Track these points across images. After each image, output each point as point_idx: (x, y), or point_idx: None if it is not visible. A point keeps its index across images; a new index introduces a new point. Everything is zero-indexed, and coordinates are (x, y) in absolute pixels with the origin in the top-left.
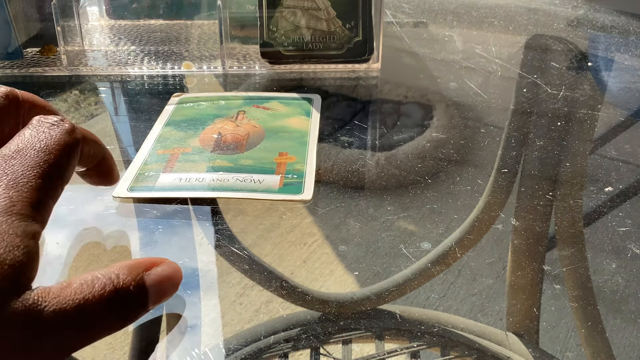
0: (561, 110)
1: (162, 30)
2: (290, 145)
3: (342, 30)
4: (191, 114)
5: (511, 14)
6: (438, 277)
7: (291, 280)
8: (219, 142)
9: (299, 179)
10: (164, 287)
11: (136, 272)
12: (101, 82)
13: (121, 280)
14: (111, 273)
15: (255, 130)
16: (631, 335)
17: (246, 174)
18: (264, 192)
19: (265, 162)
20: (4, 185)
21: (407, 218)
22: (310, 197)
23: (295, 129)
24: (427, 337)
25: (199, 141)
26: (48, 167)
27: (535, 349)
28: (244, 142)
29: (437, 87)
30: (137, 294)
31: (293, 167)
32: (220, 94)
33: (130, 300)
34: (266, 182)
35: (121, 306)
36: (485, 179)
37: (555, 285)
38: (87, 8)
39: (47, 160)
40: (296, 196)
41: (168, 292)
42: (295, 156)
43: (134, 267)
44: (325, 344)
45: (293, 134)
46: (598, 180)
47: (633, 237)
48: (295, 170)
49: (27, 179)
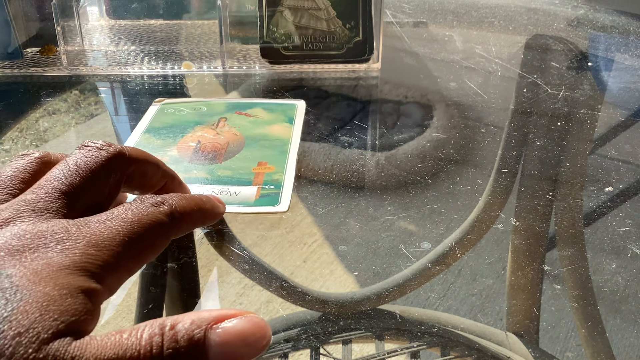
0: (561, 110)
1: (162, 30)
2: (270, 155)
3: (342, 30)
4: (171, 120)
5: (511, 14)
6: (438, 277)
7: (291, 280)
8: (198, 151)
9: (276, 190)
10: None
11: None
12: (101, 82)
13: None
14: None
15: (235, 139)
16: (631, 335)
17: (222, 186)
18: (240, 205)
19: (243, 173)
20: (85, 242)
21: (407, 218)
22: (286, 209)
23: (277, 137)
24: (427, 337)
25: (176, 150)
26: (134, 239)
27: (535, 349)
28: (223, 152)
29: (437, 87)
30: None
31: (271, 177)
32: (203, 100)
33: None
34: (242, 194)
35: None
36: (485, 179)
37: (555, 285)
38: (87, 8)
39: (135, 232)
40: (272, 208)
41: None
42: (274, 166)
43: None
44: (325, 344)
45: (274, 143)
46: (598, 180)
47: (633, 237)
48: (273, 181)
49: (110, 243)
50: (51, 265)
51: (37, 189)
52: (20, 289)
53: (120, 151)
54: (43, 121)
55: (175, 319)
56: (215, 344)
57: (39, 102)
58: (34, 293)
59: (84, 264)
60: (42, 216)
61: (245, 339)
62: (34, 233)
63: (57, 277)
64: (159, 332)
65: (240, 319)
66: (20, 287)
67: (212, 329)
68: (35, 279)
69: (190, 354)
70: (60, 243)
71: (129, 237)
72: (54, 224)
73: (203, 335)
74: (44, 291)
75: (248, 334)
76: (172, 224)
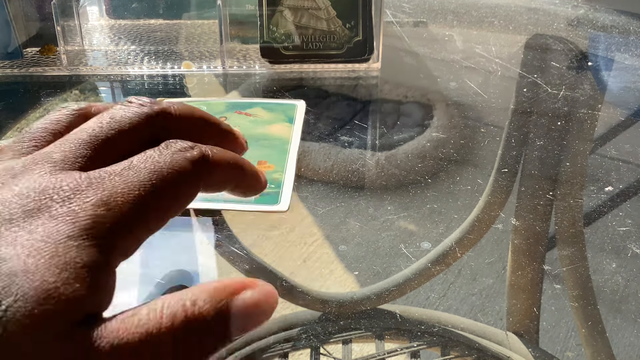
0: (561, 110)
1: (162, 30)
2: (269, 154)
3: (342, 29)
4: None
5: (511, 14)
6: (438, 277)
7: (291, 280)
8: None
9: (276, 189)
10: (253, 316)
11: (219, 298)
12: (101, 82)
13: (197, 307)
14: (186, 299)
15: None
16: (631, 335)
17: None
18: (239, 203)
19: None
20: (94, 200)
21: (407, 218)
22: (286, 208)
23: (277, 137)
24: (427, 337)
25: None
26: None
27: (535, 348)
28: None
29: (437, 86)
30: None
31: (271, 176)
32: (203, 99)
33: (206, 333)
34: None
35: (195, 340)
36: (485, 178)
37: (555, 285)
38: (87, 8)
39: (155, 185)
40: (272, 207)
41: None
42: (274, 165)
43: (217, 290)
44: (325, 343)
45: (274, 142)
46: (598, 180)
47: (633, 237)
48: (274, 180)
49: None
50: (52, 236)
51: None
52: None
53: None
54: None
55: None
56: (237, 316)
57: (39, 102)
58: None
59: (91, 230)
60: (55, 167)
61: (260, 307)
62: (39, 190)
63: (58, 255)
64: (181, 309)
65: (256, 290)
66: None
67: (233, 300)
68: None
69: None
70: (67, 202)
71: (146, 191)
72: (64, 177)
73: (227, 307)
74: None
75: (264, 302)
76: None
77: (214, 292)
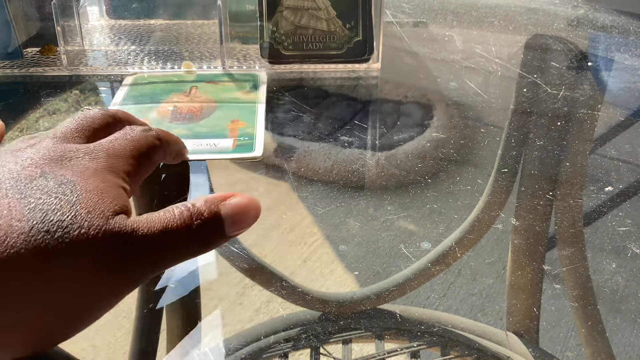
0: (561, 110)
1: (162, 30)
2: (240, 114)
3: (342, 30)
4: (146, 90)
5: (511, 14)
6: (438, 277)
7: (291, 280)
8: (175, 113)
9: (250, 140)
10: (241, 216)
11: (211, 202)
12: (101, 82)
13: (197, 208)
14: (189, 203)
15: (208, 102)
16: (631, 335)
17: (202, 139)
18: (219, 153)
19: (219, 129)
20: (106, 154)
21: (407, 218)
22: (260, 154)
23: (245, 100)
24: (427, 337)
25: (156, 113)
26: (139, 153)
27: (535, 348)
28: (199, 113)
29: (437, 87)
30: (213, 221)
31: (244, 131)
32: (173, 72)
33: (207, 227)
34: (221, 145)
35: (200, 232)
36: (485, 178)
37: (555, 285)
38: (87, 8)
39: (137, 149)
40: (248, 154)
41: (245, 222)
42: (246, 122)
43: (210, 198)
44: (325, 343)
45: (243, 104)
46: (598, 180)
47: (633, 237)
48: (247, 134)
49: (124, 154)
50: (89, 168)
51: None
52: (76, 182)
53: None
54: (43, 121)
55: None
56: (226, 214)
57: (39, 102)
58: (88, 185)
59: (112, 168)
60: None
61: (247, 210)
62: (63, 148)
63: (99, 175)
64: (185, 209)
65: (240, 197)
66: (75, 181)
67: (223, 204)
68: (84, 176)
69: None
70: (88, 154)
71: (134, 152)
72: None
73: (218, 208)
74: (94, 184)
75: (248, 206)
76: (161, 145)
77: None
